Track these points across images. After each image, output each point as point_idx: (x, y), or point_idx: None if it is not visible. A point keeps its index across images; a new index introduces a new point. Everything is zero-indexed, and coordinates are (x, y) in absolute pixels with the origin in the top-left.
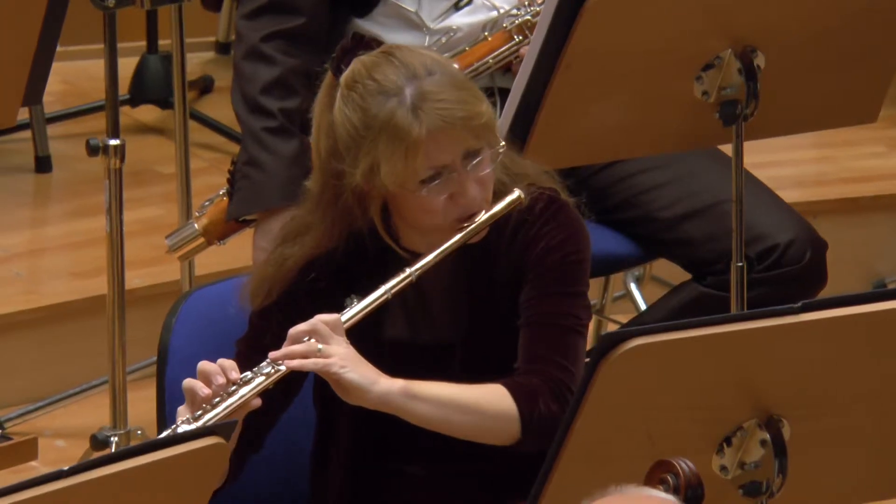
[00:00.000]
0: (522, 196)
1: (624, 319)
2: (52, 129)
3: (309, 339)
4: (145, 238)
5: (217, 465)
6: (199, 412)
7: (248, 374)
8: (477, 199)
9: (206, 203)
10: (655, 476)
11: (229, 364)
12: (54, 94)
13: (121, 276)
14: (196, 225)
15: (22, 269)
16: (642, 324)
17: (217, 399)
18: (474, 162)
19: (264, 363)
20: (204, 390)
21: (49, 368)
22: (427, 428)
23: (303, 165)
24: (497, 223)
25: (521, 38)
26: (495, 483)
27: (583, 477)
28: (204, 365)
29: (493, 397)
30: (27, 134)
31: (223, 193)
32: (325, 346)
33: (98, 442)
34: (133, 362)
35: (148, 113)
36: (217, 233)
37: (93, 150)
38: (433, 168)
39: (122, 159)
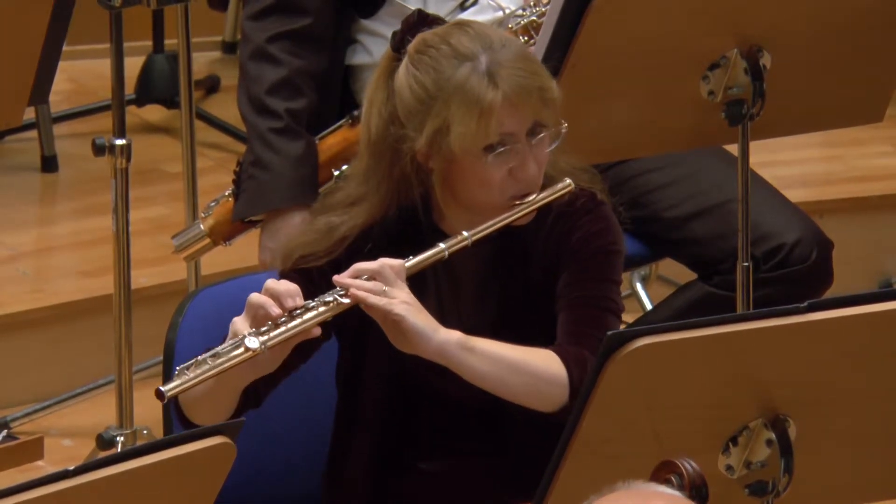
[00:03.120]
0: (572, 185)
1: (630, 319)
2: (58, 129)
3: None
4: (152, 237)
5: (223, 465)
6: (265, 328)
7: (311, 302)
8: (534, 177)
9: (212, 204)
10: (660, 476)
11: (294, 289)
12: (61, 94)
13: (127, 275)
14: (202, 225)
15: (28, 269)
16: (648, 323)
17: (282, 319)
18: (539, 136)
19: (326, 293)
20: (275, 308)
21: (55, 367)
22: (479, 385)
23: (309, 166)
24: (539, 212)
25: (526, 38)
26: (511, 481)
27: (588, 475)
28: (273, 283)
29: (545, 360)
30: (33, 133)
31: (229, 194)
32: (389, 288)
33: (104, 441)
34: (139, 361)
35: (154, 112)
36: (223, 233)
37: (99, 150)
38: (501, 135)
39: (129, 159)
